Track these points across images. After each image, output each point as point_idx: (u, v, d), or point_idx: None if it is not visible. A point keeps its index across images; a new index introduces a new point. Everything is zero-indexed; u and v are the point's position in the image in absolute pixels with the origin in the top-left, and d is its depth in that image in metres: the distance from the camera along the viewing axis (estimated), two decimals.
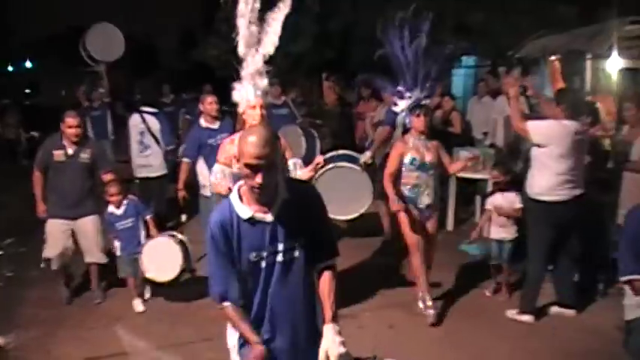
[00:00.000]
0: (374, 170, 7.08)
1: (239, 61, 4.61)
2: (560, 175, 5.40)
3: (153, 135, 8.18)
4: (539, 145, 5.47)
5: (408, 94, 5.90)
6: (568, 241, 5.69)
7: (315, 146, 10.03)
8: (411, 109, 5.81)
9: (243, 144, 2.66)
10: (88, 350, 5.29)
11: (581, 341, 5.28)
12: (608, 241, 5.93)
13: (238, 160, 2.69)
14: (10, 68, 34.77)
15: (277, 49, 4.58)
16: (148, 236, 6.18)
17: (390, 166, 5.76)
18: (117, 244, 6.19)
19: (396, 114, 6.24)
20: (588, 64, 9.32)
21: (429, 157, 5.70)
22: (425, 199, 5.75)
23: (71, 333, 5.64)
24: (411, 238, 5.75)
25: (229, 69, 4.77)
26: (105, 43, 11.25)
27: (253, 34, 4.48)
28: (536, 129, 5.46)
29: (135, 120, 8.29)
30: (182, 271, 6.02)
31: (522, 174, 6.11)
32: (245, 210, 2.78)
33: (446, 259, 6.70)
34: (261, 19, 4.53)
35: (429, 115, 5.78)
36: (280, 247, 2.80)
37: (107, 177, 6.27)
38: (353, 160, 7.96)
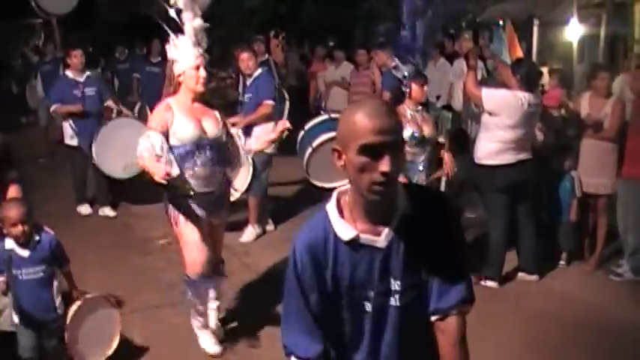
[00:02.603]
0: None
1: (177, 12, 4.02)
2: (505, 143, 5.45)
3: None
4: (490, 113, 5.48)
5: (411, 59, 5.40)
6: (527, 207, 5.73)
7: (284, 108, 9.47)
8: (413, 77, 5.27)
9: (354, 120, 1.81)
10: None
11: (544, 305, 5.38)
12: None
13: (340, 155, 1.88)
14: None
15: (228, 2, 4.08)
16: (69, 300, 4.11)
17: None
18: (7, 301, 3.98)
19: (397, 79, 5.54)
20: (535, 30, 9.44)
21: (427, 131, 5.26)
22: (421, 177, 5.28)
23: None
24: None
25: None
26: None
27: None
28: (489, 97, 5.47)
29: None
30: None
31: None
32: (347, 229, 1.92)
33: None
34: None
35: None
36: (395, 285, 1.94)
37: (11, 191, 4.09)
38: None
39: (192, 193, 4.16)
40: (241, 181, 5.07)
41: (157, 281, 5.77)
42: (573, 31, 7.92)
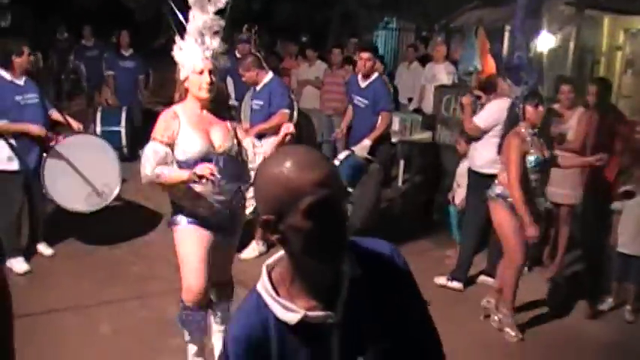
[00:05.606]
0: None
1: (184, 10, 3.66)
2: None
3: None
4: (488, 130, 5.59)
5: (525, 79, 4.97)
6: None
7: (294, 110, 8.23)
8: (527, 97, 4.83)
9: (287, 176, 1.45)
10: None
11: None
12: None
13: (275, 225, 1.50)
14: None
15: None
16: None
17: (518, 170, 4.72)
18: None
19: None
20: (506, 37, 9.62)
21: (547, 154, 4.90)
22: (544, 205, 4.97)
23: None
24: (522, 256, 5.00)
25: (148, 12, 3.83)
26: None
27: None
28: (484, 119, 5.61)
29: None
30: None
31: None
32: (290, 310, 1.55)
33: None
34: None
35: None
36: None
37: None
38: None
39: (202, 209, 3.80)
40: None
41: (125, 275, 5.75)
42: (544, 42, 8.08)
